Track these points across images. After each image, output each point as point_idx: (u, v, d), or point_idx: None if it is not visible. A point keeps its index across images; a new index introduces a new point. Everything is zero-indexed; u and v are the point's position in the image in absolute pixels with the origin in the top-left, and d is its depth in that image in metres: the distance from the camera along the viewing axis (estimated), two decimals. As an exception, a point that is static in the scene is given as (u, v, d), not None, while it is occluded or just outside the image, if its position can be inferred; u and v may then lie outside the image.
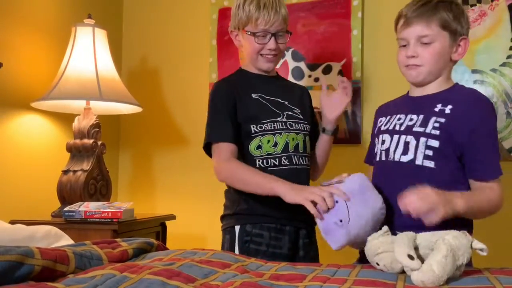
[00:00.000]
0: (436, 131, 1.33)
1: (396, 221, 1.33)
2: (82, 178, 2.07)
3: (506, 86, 2.15)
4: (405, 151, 1.37)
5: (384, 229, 1.19)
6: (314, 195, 1.30)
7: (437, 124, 1.34)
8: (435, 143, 1.33)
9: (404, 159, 1.36)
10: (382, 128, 1.46)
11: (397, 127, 1.41)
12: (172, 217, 2.31)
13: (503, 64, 2.16)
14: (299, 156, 1.62)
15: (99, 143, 2.16)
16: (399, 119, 1.42)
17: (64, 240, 1.52)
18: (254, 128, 1.59)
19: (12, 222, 1.73)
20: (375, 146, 1.49)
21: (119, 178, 2.75)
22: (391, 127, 1.43)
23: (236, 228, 1.58)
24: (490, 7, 2.19)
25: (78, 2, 2.47)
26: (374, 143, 1.51)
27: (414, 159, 1.34)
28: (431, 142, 1.33)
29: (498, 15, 2.19)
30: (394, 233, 1.28)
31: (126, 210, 1.94)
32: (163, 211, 2.46)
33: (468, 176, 1.35)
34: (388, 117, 1.48)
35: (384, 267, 1.12)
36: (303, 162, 1.63)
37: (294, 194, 1.35)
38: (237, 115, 1.59)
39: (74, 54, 2.12)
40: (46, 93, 2.07)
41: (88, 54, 2.12)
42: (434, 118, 1.35)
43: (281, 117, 1.62)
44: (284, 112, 1.64)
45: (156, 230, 2.24)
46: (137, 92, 2.37)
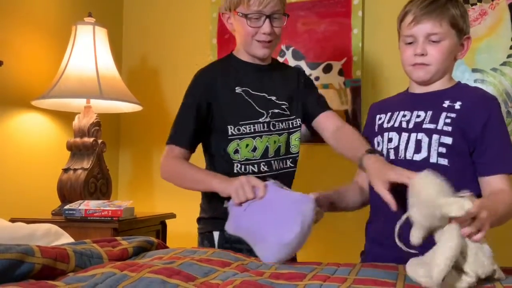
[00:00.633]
0: (448, 127, 1.30)
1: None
2: (83, 177, 2.07)
3: (507, 85, 2.15)
4: (417, 149, 1.32)
5: None
6: (243, 185, 1.26)
7: (448, 120, 1.31)
8: (448, 140, 1.30)
9: (417, 157, 1.32)
10: (386, 126, 1.41)
11: (403, 124, 1.37)
12: (172, 215, 2.31)
13: (504, 64, 2.16)
14: (279, 161, 1.52)
15: (99, 141, 2.16)
16: (404, 115, 1.38)
17: (64, 239, 1.52)
18: (231, 130, 1.48)
19: (12, 220, 1.74)
20: (373, 145, 1.44)
21: (119, 176, 2.75)
22: (396, 124, 1.39)
23: (215, 234, 1.50)
24: (490, 6, 2.18)
25: (79, 1, 2.47)
26: (373, 141, 1.45)
27: (428, 157, 1.30)
28: (444, 139, 1.30)
29: (498, 14, 2.18)
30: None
31: (126, 208, 1.94)
32: (163, 210, 2.45)
33: (479, 172, 1.32)
34: (388, 113, 1.43)
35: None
36: (283, 166, 1.54)
37: (224, 188, 1.32)
38: (213, 114, 1.49)
39: (75, 52, 2.12)
40: (46, 91, 2.07)
41: (89, 53, 2.12)
42: (444, 114, 1.32)
43: (264, 117, 1.50)
44: (270, 111, 1.51)
45: (156, 228, 2.24)
46: (137, 91, 2.37)
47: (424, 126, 1.33)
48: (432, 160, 1.30)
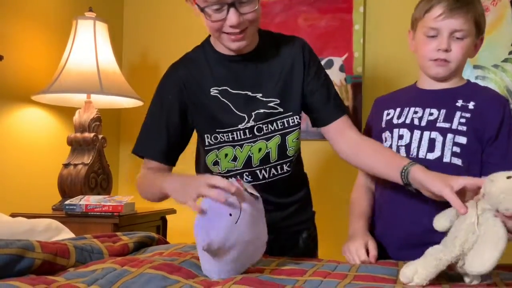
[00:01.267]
0: (463, 127, 1.28)
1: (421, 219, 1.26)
2: (83, 172, 2.07)
3: (508, 82, 2.15)
4: (430, 148, 1.29)
5: None
6: (202, 189, 1.02)
7: (463, 120, 1.28)
8: (462, 140, 1.28)
9: (431, 156, 1.28)
10: (396, 122, 1.36)
11: (416, 121, 1.33)
12: (172, 211, 2.31)
13: (505, 60, 2.16)
14: (269, 168, 1.30)
15: (100, 136, 2.16)
16: (416, 112, 1.34)
17: (65, 234, 1.52)
18: (208, 139, 1.28)
19: (13, 215, 1.74)
20: (381, 141, 1.39)
21: (119, 171, 2.75)
22: (408, 121, 1.34)
23: None
24: (492, 3, 2.18)
25: (79, -5, 2.46)
26: (380, 136, 1.39)
27: (442, 156, 1.28)
28: (459, 138, 1.28)
29: (500, 11, 2.18)
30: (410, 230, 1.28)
31: (127, 204, 1.94)
32: (164, 205, 2.44)
33: (487, 172, 1.25)
34: (398, 109, 1.38)
35: None
36: (277, 173, 1.32)
37: (179, 196, 1.10)
38: (187, 120, 1.29)
39: (75, 47, 2.11)
40: (47, 86, 2.07)
41: (89, 48, 2.12)
42: (459, 113, 1.29)
43: (245, 121, 1.27)
44: (253, 112, 1.27)
45: (157, 224, 2.24)
46: (138, 86, 2.36)
47: (438, 125, 1.30)
48: (446, 159, 1.28)
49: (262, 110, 1.28)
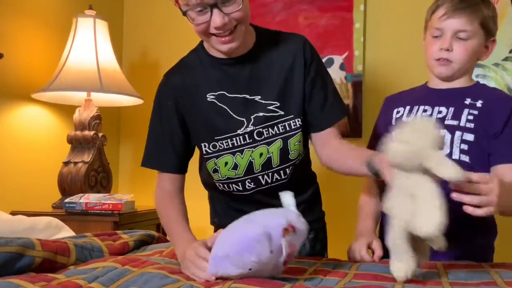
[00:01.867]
0: (471, 124, 1.29)
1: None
2: (83, 170, 2.07)
3: (508, 80, 2.15)
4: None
5: None
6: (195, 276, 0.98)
7: (470, 117, 1.30)
8: (470, 137, 1.29)
9: None
10: (405, 119, 1.37)
11: None
12: (172, 209, 2.31)
13: (506, 59, 2.16)
14: (272, 173, 1.26)
15: (100, 135, 2.16)
16: (425, 110, 1.36)
17: (65, 232, 1.52)
18: (206, 148, 1.24)
19: (13, 213, 1.74)
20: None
21: (119, 170, 2.75)
22: None
23: None
24: (493, 1, 2.17)
25: (79, -7, 2.46)
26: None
27: (451, 153, 1.29)
28: (466, 136, 1.29)
29: (501, 10, 2.17)
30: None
31: (127, 202, 1.94)
32: (164, 203, 2.46)
33: (493, 162, 1.29)
34: (407, 107, 1.39)
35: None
36: (280, 177, 1.27)
37: (185, 271, 1.03)
38: (187, 128, 1.27)
39: (75, 45, 2.11)
40: (47, 84, 2.06)
41: (89, 46, 2.12)
42: (467, 110, 1.31)
43: (244, 126, 1.22)
44: (252, 116, 1.22)
45: (157, 222, 2.23)
46: (138, 84, 2.36)
47: (447, 123, 1.31)
48: (455, 156, 1.28)
49: (262, 114, 1.23)
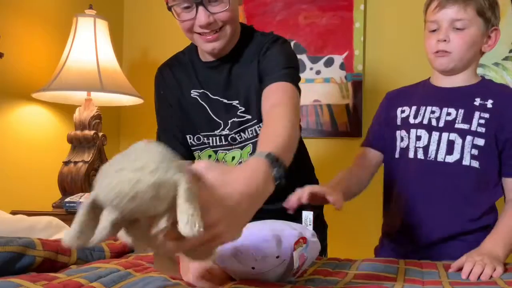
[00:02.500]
0: (482, 129, 1.25)
1: (426, 225, 1.29)
2: (83, 169, 2.07)
3: (509, 80, 2.15)
4: (449, 150, 1.27)
5: None
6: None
7: (482, 121, 1.26)
8: (480, 142, 1.25)
9: (450, 159, 1.27)
10: (412, 121, 1.34)
11: (433, 122, 1.30)
12: (172, 208, 2.31)
13: (506, 58, 2.15)
14: None
15: (100, 134, 2.16)
16: (433, 112, 1.31)
17: (65, 231, 1.52)
18: (191, 139, 1.27)
19: (13, 213, 1.74)
20: (394, 139, 1.37)
21: (119, 169, 2.75)
22: (425, 121, 1.31)
23: None
24: (493, 1, 2.17)
25: (79, -7, 2.46)
26: (394, 134, 1.38)
27: (461, 159, 1.26)
28: (477, 140, 1.25)
29: (501, 9, 2.14)
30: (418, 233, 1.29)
31: (127, 201, 1.94)
32: (164, 203, 2.46)
33: (506, 173, 1.28)
34: (413, 107, 1.35)
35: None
36: None
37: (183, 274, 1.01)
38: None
39: (75, 45, 2.11)
40: (47, 84, 2.06)
41: (89, 45, 2.12)
42: (478, 113, 1.26)
43: (220, 128, 1.23)
44: (229, 121, 1.22)
45: (157, 221, 2.24)
46: (138, 84, 2.36)
47: (457, 126, 1.27)
48: (465, 162, 1.26)
49: (237, 119, 1.21)
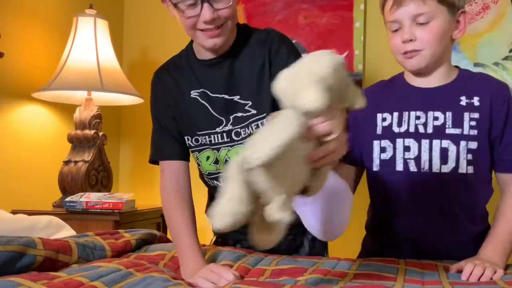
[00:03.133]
0: (474, 131, 1.17)
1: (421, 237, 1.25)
2: (83, 169, 2.07)
3: (509, 80, 2.15)
4: (443, 159, 1.18)
5: None
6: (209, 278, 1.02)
7: (473, 123, 1.17)
8: (474, 145, 1.17)
9: (445, 169, 1.18)
10: (397, 130, 1.22)
11: (421, 129, 1.20)
12: (172, 208, 2.31)
13: (506, 58, 2.16)
14: None
15: (100, 134, 2.16)
16: (418, 117, 1.21)
17: (65, 231, 1.52)
18: (189, 141, 1.27)
19: (14, 212, 1.74)
20: (372, 150, 1.24)
21: (120, 169, 2.75)
22: (412, 129, 1.20)
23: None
24: (493, 1, 2.17)
25: (80, -8, 2.46)
26: (371, 143, 1.25)
27: (457, 167, 1.17)
28: (471, 144, 1.17)
29: (501, 9, 2.18)
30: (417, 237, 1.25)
31: (127, 201, 1.94)
32: (164, 202, 2.46)
33: (498, 168, 1.22)
34: (395, 113, 1.24)
35: None
36: None
37: (186, 276, 1.08)
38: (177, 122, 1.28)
39: (76, 44, 2.11)
40: (47, 83, 2.06)
41: (90, 45, 2.12)
42: (467, 115, 1.18)
43: (223, 125, 1.23)
44: (231, 116, 1.23)
45: (157, 221, 2.25)
46: (138, 83, 2.36)
47: (448, 132, 1.18)
48: (462, 170, 1.17)
49: (240, 114, 1.22)
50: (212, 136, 1.24)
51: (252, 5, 2.50)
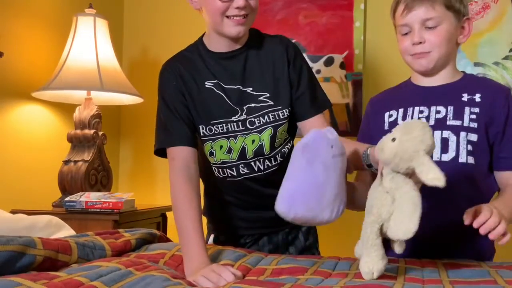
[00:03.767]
0: (474, 124, 1.24)
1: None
2: (83, 169, 2.07)
3: (509, 79, 2.15)
4: (444, 148, 1.24)
5: None
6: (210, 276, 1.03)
7: (473, 116, 1.24)
8: (474, 137, 1.24)
9: (445, 157, 1.23)
10: (401, 123, 1.25)
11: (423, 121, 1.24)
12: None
13: (506, 58, 2.16)
14: (264, 160, 1.32)
15: (100, 133, 2.16)
16: (421, 111, 1.29)
17: (65, 230, 1.52)
18: (203, 130, 1.30)
19: (13, 212, 1.74)
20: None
21: (119, 168, 2.75)
22: None
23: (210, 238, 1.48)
24: (493, 0, 2.17)
25: (79, -8, 2.46)
26: (378, 140, 1.35)
27: (457, 156, 1.23)
28: (471, 136, 1.24)
29: (501, 8, 2.18)
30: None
31: (127, 200, 1.94)
32: (164, 202, 2.45)
33: (498, 166, 1.27)
34: (400, 110, 1.33)
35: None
36: (272, 164, 1.34)
37: (188, 275, 1.08)
38: (190, 111, 1.31)
39: (75, 44, 2.11)
40: (47, 83, 2.06)
41: (89, 44, 2.11)
42: (468, 109, 1.25)
43: (238, 114, 1.30)
44: (244, 107, 1.30)
45: (157, 221, 2.25)
46: (138, 83, 2.36)
47: (449, 123, 1.25)
48: (462, 160, 1.23)
49: (253, 104, 1.31)
50: (228, 124, 1.30)
51: (252, 4, 2.49)
